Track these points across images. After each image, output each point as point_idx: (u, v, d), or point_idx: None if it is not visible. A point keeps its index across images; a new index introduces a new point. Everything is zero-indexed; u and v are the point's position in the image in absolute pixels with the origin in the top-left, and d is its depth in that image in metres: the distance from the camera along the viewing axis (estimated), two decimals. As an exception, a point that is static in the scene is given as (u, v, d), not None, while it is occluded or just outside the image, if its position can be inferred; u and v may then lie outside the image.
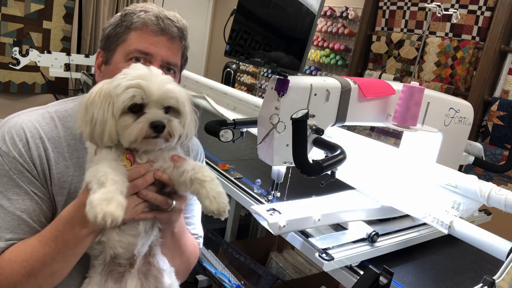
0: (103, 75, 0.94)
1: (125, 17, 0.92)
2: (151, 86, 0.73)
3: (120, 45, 0.91)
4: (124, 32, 0.91)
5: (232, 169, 1.81)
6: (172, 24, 0.92)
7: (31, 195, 0.83)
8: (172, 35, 0.92)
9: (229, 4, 5.24)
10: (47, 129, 0.88)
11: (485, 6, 2.76)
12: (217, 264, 1.79)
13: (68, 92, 4.40)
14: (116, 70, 0.87)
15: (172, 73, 0.94)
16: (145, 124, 0.72)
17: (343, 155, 1.00)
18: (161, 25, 0.90)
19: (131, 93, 0.72)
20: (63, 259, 0.78)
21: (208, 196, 0.73)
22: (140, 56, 0.89)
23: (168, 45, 0.91)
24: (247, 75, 4.85)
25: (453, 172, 1.15)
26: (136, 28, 0.90)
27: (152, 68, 0.78)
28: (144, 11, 0.91)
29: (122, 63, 0.88)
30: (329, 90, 1.11)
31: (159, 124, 0.73)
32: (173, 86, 0.77)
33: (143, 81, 0.73)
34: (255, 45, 1.05)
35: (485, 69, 2.70)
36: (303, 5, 0.97)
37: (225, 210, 0.73)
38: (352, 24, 3.73)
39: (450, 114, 1.40)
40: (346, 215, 1.25)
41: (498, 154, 2.60)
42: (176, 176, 0.78)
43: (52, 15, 4.37)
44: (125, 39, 0.90)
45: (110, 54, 0.92)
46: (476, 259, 1.33)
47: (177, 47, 0.94)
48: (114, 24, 0.93)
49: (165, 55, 0.91)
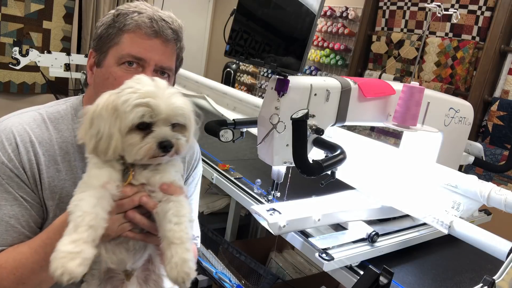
0: (95, 77, 0.91)
1: (117, 18, 0.88)
2: (161, 105, 0.71)
3: (113, 47, 0.87)
4: (116, 34, 0.87)
5: (232, 169, 1.81)
6: (166, 26, 0.88)
7: (20, 201, 0.82)
8: (166, 38, 0.88)
9: (229, 4, 5.24)
10: (38, 132, 0.87)
11: (485, 6, 2.76)
12: (217, 264, 1.79)
13: (68, 92, 4.40)
14: (108, 74, 0.86)
15: (166, 77, 0.91)
16: (153, 144, 0.71)
17: (343, 155, 1.00)
18: (155, 28, 0.87)
19: (141, 112, 0.70)
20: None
21: (170, 261, 0.68)
22: (133, 61, 0.86)
23: (162, 49, 0.88)
24: (247, 75, 4.85)
25: (453, 172, 1.15)
26: (129, 31, 0.86)
27: (158, 82, 0.75)
28: (137, 12, 0.88)
29: (114, 67, 0.86)
30: (329, 90, 1.11)
31: (168, 145, 0.71)
32: (181, 101, 0.75)
33: (152, 100, 0.71)
34: (255, 45, 1.05)
35: (485, 69, 2.70)
36: (303, 5, 0.97)
37: (185, 280, 0.68)
38: (352, 24, 3.73)
39: (450, 114, 1.40)
40: (346, 215, 1.25)
41: (498, 154, 2.60)
42: (160, 212, 0.73)
43: (52, 15, 4.37)
44: (117, 42, 0.87)
45: (102, 56, 0.89)
46: (476, 259, 1.33)
47: (172, 50, 0.91)
48: (106, 24, 0.89)
49: (158, 59, 0.88)
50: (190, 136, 0.79)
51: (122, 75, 0.84)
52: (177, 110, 0.73)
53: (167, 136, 0.72)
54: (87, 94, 0.96)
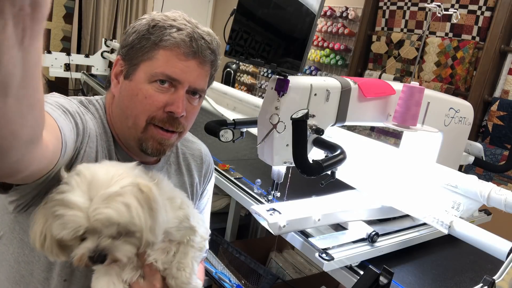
0: (121, 89, 0.86)
1: (153, 29, 0.81)
2: (81, 220, 0.63)
3: (145, 62, 0.82)
4: (151, 47, 0.81)
5: (232, 169, 1.81)
6: (205, 46, 0.83)
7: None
8: (204, 59, 0.83)
9: (229, 4, 5.24)
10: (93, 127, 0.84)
11: (485, 6, 2.76)
12: (217, 264, 1.79)
13: (68, 92, 4.40)
14: (138, 91, 0.82)
15: (197, 97, 0.88)
16: (84, 255, 0.66)
17: (343, 155, 1.00)
18: (194, 48, 0.81)
19: (63, 230, 0.64)
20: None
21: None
22: (166, 80, 0.81)
23: (198, 70, 0.84)
24: (247, 75, 4.85)
25: (453, 172, 1.15)
26: (166, 48, 0.80)
27: (99, 179, 0.66)
28: (177, 28, 0.81)
29: (145, 83, 0.82)
30: (329, 90, 1.11)
31: (95, 256, 0.66)
32: (115, 210, 0.64)
33: (79, 214, 0.63)
34: (255, 45, 1.05)
35: (485, 69, 2.70)
36: (303, 5, 0.97)
37: None
38: (352, 24, 3.73)
39: (450, 114, 1.40)
40: (346, 215, 1.25)
41: (498, 154, 2.60)
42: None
43: (52, 15, 4.37)
44: (151, 57, 0.81)
45: (132, 68, 0.84)
46: (476, 259, 1.33)
47: (207, 71, 0.87)
48: (140, 33, 0.83)
49: (193, 81, 0.83)
50: (148, 234, 0.68)
51: (153, 94, 0.81)
52: (104, 222, 0.64)
53: (98, 248, 0.66)
54: (110, 102, 0.90)
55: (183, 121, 0.86)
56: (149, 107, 0.82)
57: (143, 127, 0.84)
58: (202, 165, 1.07)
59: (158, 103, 0.82)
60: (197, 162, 1.06)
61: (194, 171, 1.05)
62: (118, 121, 0.88)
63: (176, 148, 1.02)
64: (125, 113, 0.85)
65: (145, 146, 0.85)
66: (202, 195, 1.10)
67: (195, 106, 0.89)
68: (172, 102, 0.82)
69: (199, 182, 1.07)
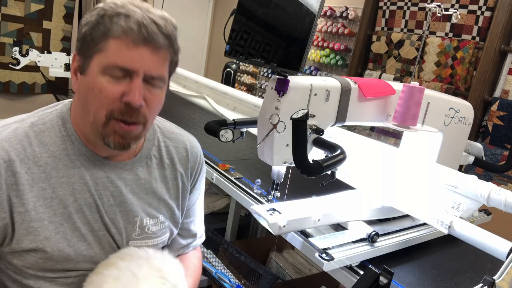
0: (79, 85, 0.84)
1: (103, 19, 0.78)
2: None
3: (97, 54, 0.79)
4: (101, 38, 0.78)
5: (232, 169, 1.81)
6: (157, 31, 0.79)
7: None
8: (156, 45, 0.80)
9: (229, 4, 5.24)
10: (19, 149, 0.81)
11: (485, 6, 2.76)
12: (217, 264, 1.79)
13: (68, 92, 4.40)
14: (92, 84, 0.80)
15: (158, 85, 0.84)
16: None
17: (343, 155, 1.00)
18: (144, 35, 0.78)
19: None
20: None
21: None
22: (120, 70, 0.79)
23: (152, 57, 0.80)
24: (247, 75, 4.85)
25: (453, 172, 1.15)
26: (115, 37, 0.77)
27: None
28: (124, 15, 0.78)
29: (98, 76, 0.79)
30: (329, 90, 1.11)
31: None
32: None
33: None
34: (255, 45, 1.05)
35: (485, 69, 2.70)
36: (303, 5, 0.97)
37: None
38: (352, 24, 3.73)
39: (450, 114, 1.40)
40: (346, 215, 1.25)
41: (498, 154, 2.60)
42: None
43: (52, 15, 4.37)
44: (101, 48, 0.78)
45: (86, 62, 0.81)
46: (476, 259, 1.33)
47: (163, 57, 0.83)
48: (90, 24, 0.80)
49: (148, 68, 0.80)
50: None
51: (107, 87, 0.79)
52: None
53: None
54: (75, 101, 0.90)
55: (144, 111, 0.83)
56: (106, 100, 0.80)
57: (104, 122, 0.82)
58: (188, 157, 1.04)
59: (114, 94, 0.80)
60: (182, 155, 1.04)
61: (178, 165, 1.02)
62: (80, 119, 0.87)
63: (158, 141, 1.01)
64: (86, 109, 0.83)
65: (107, 141, 0.84)
66: (194, 187, 1.08)
67: (156, 95, 0.85)
68: (128, 92, 0.80)
69: (186, 176, 1.04)
